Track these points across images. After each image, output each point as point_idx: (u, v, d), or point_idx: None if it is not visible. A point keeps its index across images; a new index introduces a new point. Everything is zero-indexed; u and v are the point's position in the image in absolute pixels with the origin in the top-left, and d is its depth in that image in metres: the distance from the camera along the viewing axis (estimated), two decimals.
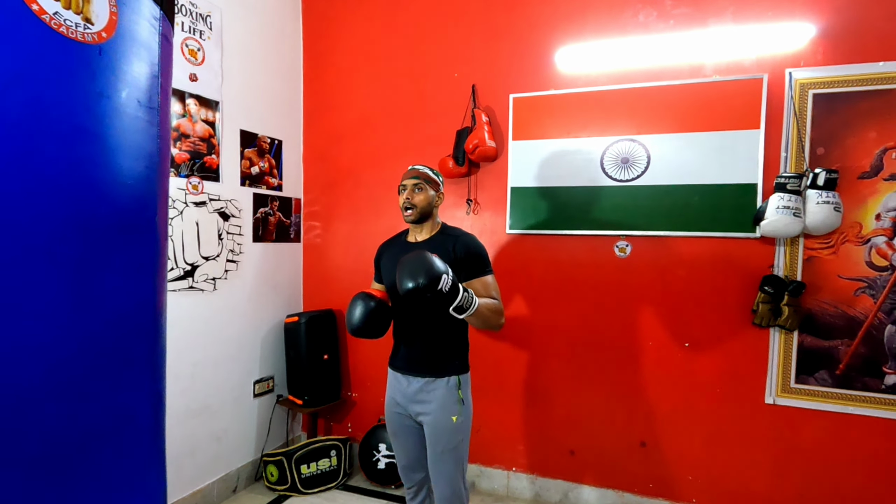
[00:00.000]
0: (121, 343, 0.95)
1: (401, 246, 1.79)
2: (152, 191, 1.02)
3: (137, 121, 0.95)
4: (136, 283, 0.98)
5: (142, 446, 1.03)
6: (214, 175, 2.46)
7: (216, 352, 2.51)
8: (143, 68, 0.97)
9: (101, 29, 0.87)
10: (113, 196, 0.91)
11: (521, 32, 2.57)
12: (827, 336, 2.13)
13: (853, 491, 2.12)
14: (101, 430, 0.91)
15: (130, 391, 0.98)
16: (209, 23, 2.41)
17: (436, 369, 1.68)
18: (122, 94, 0.92)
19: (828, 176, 2.00)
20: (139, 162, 0.96)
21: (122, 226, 0.93)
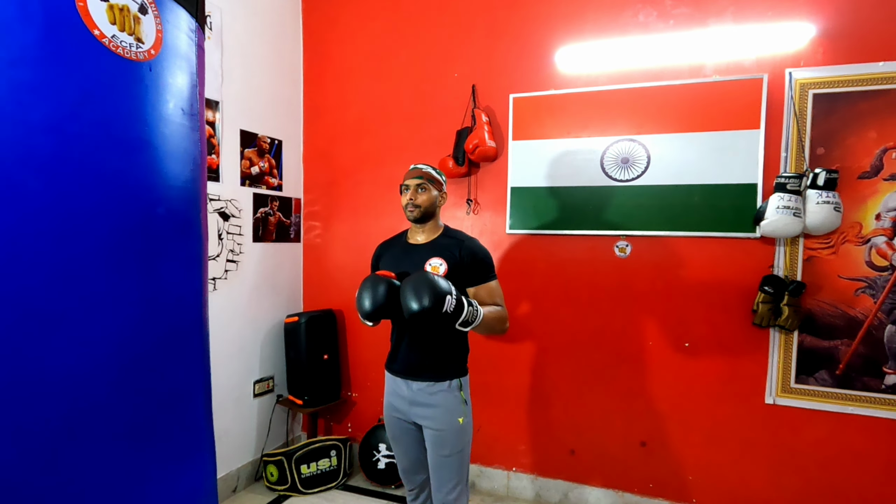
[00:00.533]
0: (178, 325, 1.07)
1: (402, 247, 1.75)
2: (197, 190, 1.13)
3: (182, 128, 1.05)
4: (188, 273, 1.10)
5: (199, 420, 1.15)
6: (214, 175, 2.46)
7: (216, 352, 2.49)
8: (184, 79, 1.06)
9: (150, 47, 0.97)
10: (167, 197, 1.02)
11: (521, 32, 2.57)
12: (827, 336, 2.13)
13: (853, 491, 2.12)
14: (166, 405, 1.03)
15: (187, 368, 1.10)
16: (209, 23, 2.41)
17: (437, 373, 1.64)
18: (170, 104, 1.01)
19: (828, 176, 2.00)
20: (186, 166, 1.07)
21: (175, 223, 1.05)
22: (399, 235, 1.82)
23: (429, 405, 1.63)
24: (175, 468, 1.06)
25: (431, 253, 1.65)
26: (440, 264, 1.62)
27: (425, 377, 1.64)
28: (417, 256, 1.67)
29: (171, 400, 1.05)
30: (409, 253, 1.70)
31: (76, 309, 0.88)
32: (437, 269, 1.61)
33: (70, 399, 0.87)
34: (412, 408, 1.66)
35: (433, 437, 1.63)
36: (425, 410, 1.64)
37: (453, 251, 1.64)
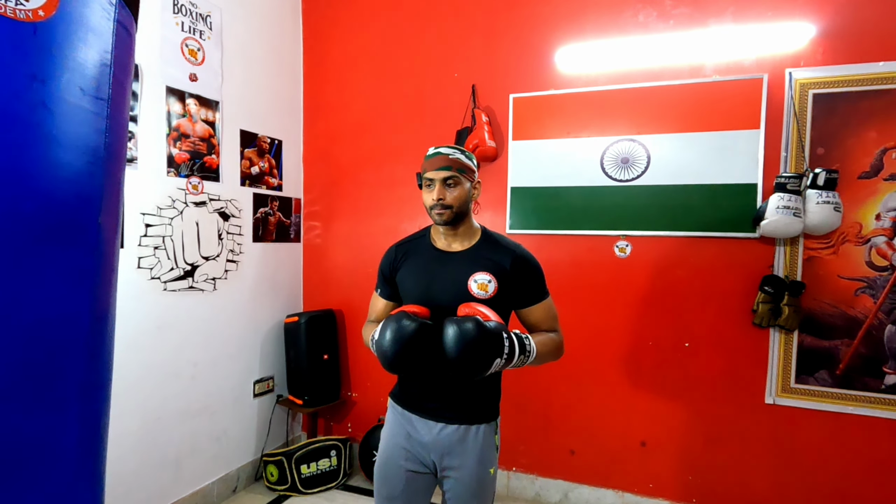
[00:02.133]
0: (40, 358, 0.82)
1: (431, 255, 1.37)
2: (96, 189, 0.90)
3: (79, 110, 0.86)
4: (67, 291, 0.86)
5: (61, 478, 0.88)
6: (214, 175, 2.46)
7: (216, 352, 2.51)
8: (90, 54, 0.87)
9: (37, 6, 0.79)
10: (44, 191, 0.80)
11: (521, 32, 2.57)
12: (827, 336, 2.13)
13: (853, 491, 2.12)
14: (16, 458, 0.79)
15: (50, 414, 0.84)
16: (209, 23, 2.41)
17: (475, 413, 1.33)
18: (61, 79, 0.82)
19: (828, 176, 2.00)
20: (80, 156, 0.86)
21: (54, 225, 0.83)
22: (420, 237, 1.44)
23: (459, 453, 1.31)
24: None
25: (474, 266, 1.31)
26: (489, 281, 1.29)
27: (461, 419, 1.32)
28: (456, 269, 1.32)
29: (22, 453, 0.80)
30: (444, 263, 1.34)
31: None
32: (485, 286, 1.29)
33: None
34: (436, 455, 1.33)
35: (459, 491, 1.32)
36: (453, 459, 1.32)
37: (502, 263, 1.32)
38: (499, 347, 1.12)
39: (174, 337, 2.27)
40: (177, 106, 2.25)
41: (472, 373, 1.12)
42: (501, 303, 1.32)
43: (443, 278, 1.32)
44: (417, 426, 1.34)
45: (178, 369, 2.30)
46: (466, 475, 1.31)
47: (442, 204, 1.28)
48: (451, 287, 1.30)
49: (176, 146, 2.26)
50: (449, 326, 1.13)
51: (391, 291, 1.44)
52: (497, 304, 1.29)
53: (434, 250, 1.37)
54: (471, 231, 1.38)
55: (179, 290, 2.29)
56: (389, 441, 1.39)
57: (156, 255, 2.17)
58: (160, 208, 2.19)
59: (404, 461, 1.35)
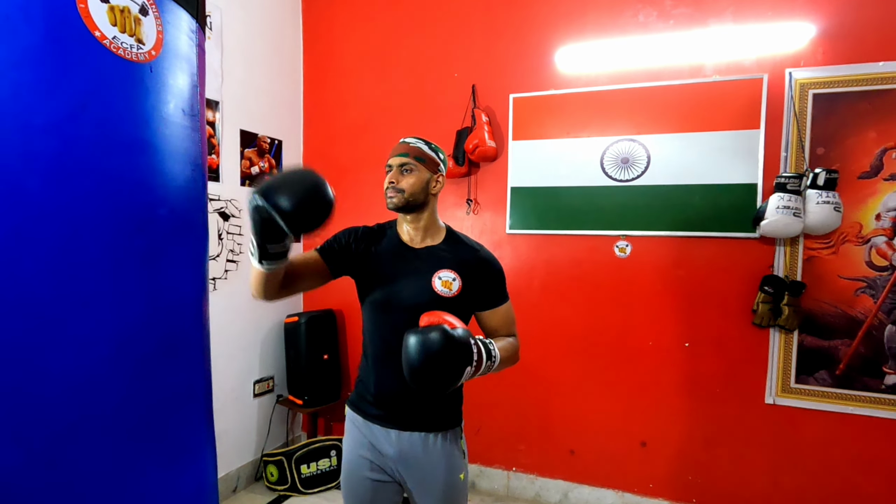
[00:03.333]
0: (180, 327, 1.06)
1: (397, 248, 1.33)
2: (199, 191, 1.12)
3: (183, 129, 1.04)
4: (190, 274, 1.09)
5: (199, 420, 1.13)
6: (214, 175, 2.46)
7: (216, 352, 2.47)
8: (185, 79, 1.05)
9: (150, 48, 0.96)
10: (168, 199, 1.02)
11: (521, 32, 2.57)
12: (827, 336, 2.13)
13: (853, 491, 2.13)
14: (167, 405, 1.03)
15: (188, 370, 1.09)
16: (209, 23, 2.41)
17: (437, 420, 1.28)
18: (170, 105, 1.01)
19: (828, 176, 2.00)
20: (187, 166, 1.06)
21: (176, 224, 1.04)
22: (383, 229, 1.40)
23: (423, 462, 1.26)
24: (176, 468, 1.06)
25: (439, 263, 1.28)
26: (453, 279, 1.26)
27: (424, 426, 1.27)
28: (420, 265, 1.28)
29: (173, 401, 1.05)
30: (408, 259, 1.30)
31: (77, 311, 0.88)
32: (449, 284, 1.25)
33: (71, 401, 0.88)
34: (399, 464, 1.28)
35: (429, 501, 1.28)
36: (420, 471, 1.27)
37: (468, 263, 1.28)
38: (468, 356, 1.06)
39: None
40: None
41: (442, 385, 1.04)
42: (463, 303, 1.28)
43: (406, 274, 1.28)
44: (378, 435, 1.29)
45: None
46: (435, 484, 1.27)
47: (394, 187, 1.28)
48: (415, 283, 1.26)
49: None
50: (413, 337, 1.05)
51: (332, 253, 1.33)
52: (459, 303, 1.26)
53: (399, 244, 1.33)
54: (435, 228, 1.34)
55: None
56: (352, 452, 1.33)
57: None
58: None
59: (368, 472, 1.30)
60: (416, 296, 1.25)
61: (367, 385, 1.32)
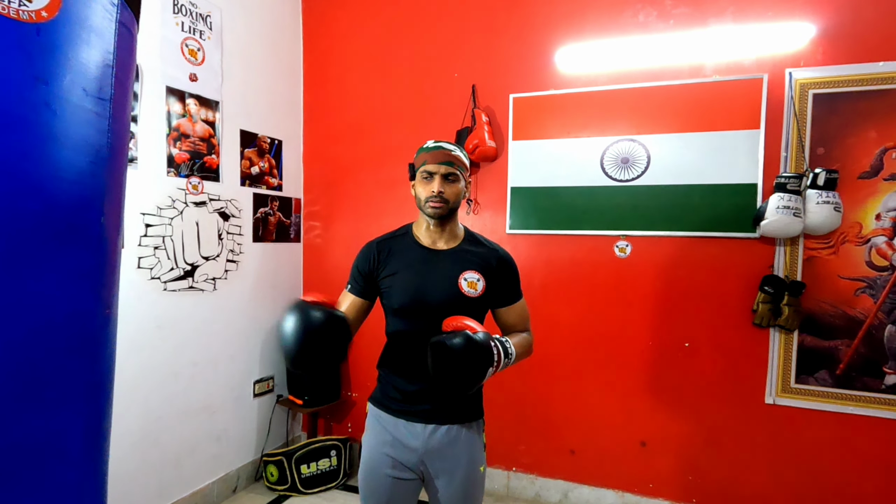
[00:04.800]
0: (45, 358, 0.83)
1: (418, 253, 1.34)
2: (98, 189, 0.91)
3: (81, 111, 0.86)
4: (71, 290, 0.87)
5: (73, 473, 0.90)
6: (214, 175, 2.46)
7: (216, 352, 2.51)
8: (92, 55, 0.88)
9: (40, 7, 0.79)
10: (47, 191, 0.81)
11: (521, 32, 2.57)
12: (827, 336, 2.13)
13: (853, 491, 2.12)
14: (23, 452, 0.80)
15: (55, 414, 0.85)
16: (209, 23, 2.41)
17: (464, 412, 1.32)
18: (64, 80, 0.83)
19: (828, 176, 2.00)
20: (82, 156, 0.87)
21: (56, 225, 0.83)
22: (400, 235, 1.41)
23: (450, 455, 1.29)
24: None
25: (463, 264, 1.30)
26: (478, 280, 1.29)
27: (450, 419, 1.30)
28: (445, 267, 1.30)
29: (21, 456, 0.80)
30: (432, 262, 1.32)
31: None
32: (474, 284, 1.28)
33: None
34: (425, 459, 1.30)
35: (451, 492, 1.30)
36: (444, 463, 1.29)
37: (489, 262, 1.32)
38: (489, 358, 1.11)
39: (174, 337, 2.27)
40: (177, 106, 2.25)
41: (468, 388, 1.10)
42: (486, 303, 1.33)
43: (433, 277, 1.30)
44: (404, 430, 1.30)
45: (178, 369, 2.30)
46: (459, 476, 1.30)
47: (441, 197, 1.26)
48: (442, 285, 1.28)
49: (176, 146, 2.26)
50: (438, 344, 1.10)
51: (365, 288, 1.37)
52: (483, 303, 1.32)
53: (420, 248, 1.34)
54: (456, 229, 1.37)
55: (179, 290, 2.29)
56: (373, 450, 1.34)
57: (156, 255, 2.17)
58: (160, 208, 2.19)
59: (390, 469, 1.31)
60: (444, 297, 1.27)
61: (393, 383, 1.34)
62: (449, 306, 1.25)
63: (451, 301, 1.26)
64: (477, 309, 1.29)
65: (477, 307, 1.29)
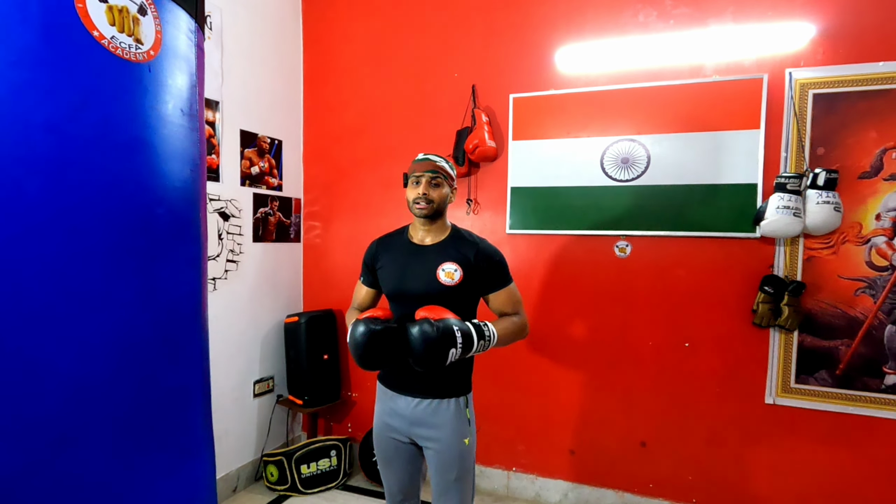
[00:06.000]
0: (178, 326, 1.07)
1: (406, 248, 1.55)
2: (197, 191, 1.13)
3: (182, 129, 1.05)
4: (188, 273, 1.10)
5: (198, 421, 1.14)
6: (214, 175, 2.46)
7: (216, 352, 2.49)
8: (184, 79, 1.06)
9: (149, 48, 0.96)
10: (167, 198, 1.02)
11: (521, 32, 2.57)
12: (827, 336, 2.13)
13: (853, 491, 2.12)
14: (167, 406, 1.04)
15: (186, 370, 1.10)
16: (209, 23, 2.41)
17: (445, 389, 1.49)
18: (169, 105, 1.01)
19: (828, 176, 2.00)
20: (185, 166, 1.07)
21: (175, 223, 1.05)
22: (398, 233, 1.63)
23: (433, 425, 1.48)
24: (174, 469, 1.06)
25: (443, 256, 1.49)
26: (455, 270, 1.46)
27: (433, 393, 1.48)
28: (427, 260, 1.50)
29: (170, 401, 1.05)
30: (416, 255, 1.52)
31: (77, 312, 0.88)
32: (451, 274, 1.46)
33: (68, 399, 0.88)
34: (413, 427, 1.50)
35: (438, 460, 1.49)
36: (429, 431, 1.49)
37: (467, 254, 1.49)
38: (451, 341, 1.29)
39: None
40: None
41: (432, 365, 1.29)
42: (467, 290, 1.49)
43: (415, 268, 1.50)
44: (398, 402, 1.53)
45: None
46: (444, 446, 1.48)
47: (426, 198, 1.47)
48: (422, 275, 1.48)
49: None
50: (404, 329, 1.33)
51: (372, 280, 1.64)
52: (463, 290, 1.48)
53: (410, 244, 1.56)
54: (443, 227, 1.57)
55: None
56: (378, 417, 1.60)
57: None
58: None
59: (390, 433, 1.55)
60: (424, 286, 1.47)
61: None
62: (428, 294, 1.45)
63: (430, 289, 1.46)
64: (457, 296, 1.47)
65: (458, 295, 1.47)
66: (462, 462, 1.49)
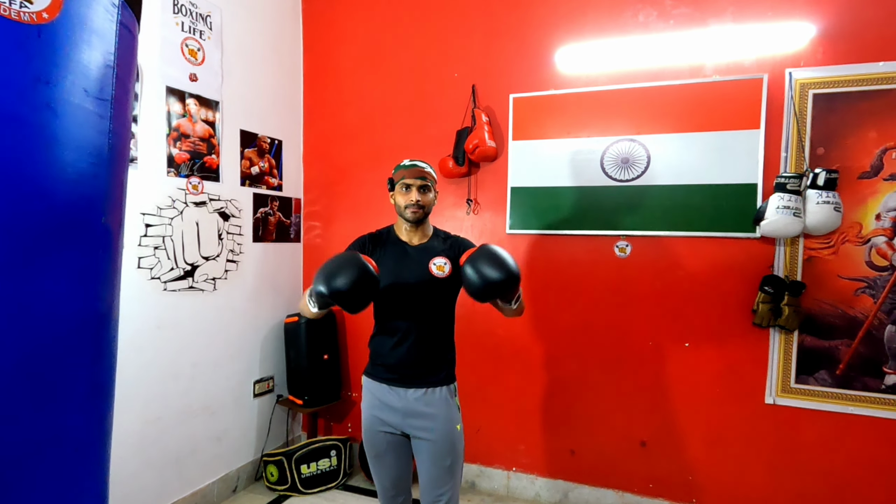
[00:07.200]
0: (53, 355, 0.85)
1: (400, 248, 1.64)
2: (100, 189, 0.92)
3: (83, 112, 0.86)
4: (75, 290, 0.88)
5: (75, 472, 0.91)
6: (214, 175, 2.46)
7: (216, 352, 2.51)
8: (93, 56, 0.88)
9: (41, 9, 0.80)
10: (49, 192, 0.82)
11: (521, 32, 2.57)
12: (827, 336, 2.13)
13: (853, 491, 2.12)
14: (30, 450, 0.81)
15: (62, 411, 0.87)
16: (209, 23, 2.41)
17: (435, 378, 1.59)
18: (65, 81, 0.83)
19: (828, 176, 2.00)
20: (83, 156, 0.87)
21: (59, 226, 0.84)
22: (386, 233, 1.71)
23: (426, 415, 1.55)
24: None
25: (432, 253, 1.61)
26: (444, 263, 1.59)
27: (424, 382, 1.57)
28: (419, 257, 1.61)
29: (32, 451, 0.81)
30: (409, 253, 1.63)
31: None
32: (442, 268, 1.58)
33: None
34: (406, 419, 1.57)
35: (433, 449, 1.55)
36: (423, 421, 1.55)
37: (451, 249, 1.64)
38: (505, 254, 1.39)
39: (174, 337, 2.27)
40: (177, 106, 2.25)
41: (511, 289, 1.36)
42: (454, 282, 1.61)
43: (409, 265, 1.61)
44: (388, 395, 1.59)
45: (178, 369, 2.30)
46: (439, 435, 1.54)
47: (418, 204, 1.58)
48: (416, 271, 1.59)
49: (176, 146, 2.26)
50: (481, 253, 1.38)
51: None
52: (451, 282, 1.60)
53: (400, 242, 1.66)
54: (427, 229, 1.68)
55: (179, 290, 2.29)
56: (366, 413, 1.64)
57: (156, 255, 2.18)
58: (160, 208, 2.19)
59: (381, 426, 1.61)
60: (418, 280, 1.58)
61: (381, 355, 1.63)
62: (422, 286, 1.57)
63: (425, 282, 1.57)
64: (447, 288, 1.61)
65: (446, 286, 1.60)
66: (455, 449, 1.57)
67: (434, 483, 1.56)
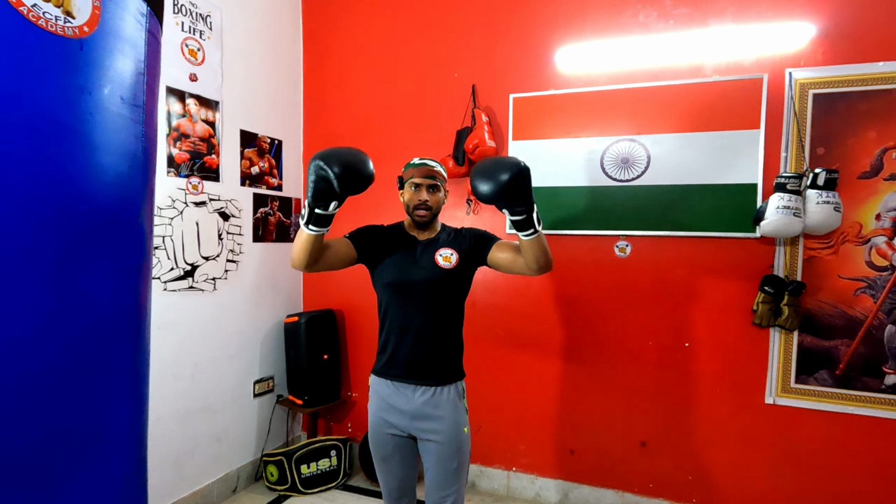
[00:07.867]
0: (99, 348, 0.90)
1: (410, 244, 1.62)
2: (136, 190, 0.98)
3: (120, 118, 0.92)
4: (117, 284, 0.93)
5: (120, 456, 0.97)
6: (214, 175, 2.46)
7: (216, 352, 2.51)
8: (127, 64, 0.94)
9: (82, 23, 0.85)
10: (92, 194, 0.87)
11: (521, 32, 2.57)
12: (827, 336, 2.13)
13: (853, 491, 2.12)
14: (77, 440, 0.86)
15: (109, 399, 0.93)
16: (209, 23, 2.41)
17: (444, 375, 1.56)
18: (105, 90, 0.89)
19: (828, 176, 2.00)
20: (121, 160, 0.93)
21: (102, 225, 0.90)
22: (396, 229, 1.69)
23: (434, 417, 1.53)
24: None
25: (438, 246, 1.60)
26: (451, 254, 1.58)
27: (433, 380, 1.54)
28: (427, 251, 1.60)
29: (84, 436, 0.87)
30: (415, 249, 1.61)
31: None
32: (448, 258, 1.57)
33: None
34: (414, 422, 1.54)
35: (440, 452, 1.53)
36: (431, 423, 1.53)
37: (458, 241, 1.62)
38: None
39: (174, 337, 2.27)
40: (177, 106, 2.25)
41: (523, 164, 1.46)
42: (464, 271, 1.60)
43: (417, 259, 1.59)
44: (395, 397, 1.56)
45: (178, 369, 2.30)
46: (446, 438, 1.52)
47: (426, 205, 1.58)
48: (424, 264, 1.57)
49: (176, 146, 2.26)
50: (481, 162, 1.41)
51: (362, 241, 1.61)
52: (460, 272, 1.59)
53: (409, 237, 1.65)
54: (436, 226, 1.68)
55: (179, 290, 2.29)
56: (374, 414, 1.61)
57: (156, 255, 2.17)
58: (160, 208, 2.19)
59: (387, 428, 1.58)
60: (426, 272, 1.56)
61: (388, 352, 1.59)
62: (430, 279, 1.55)
63: (432, 275, 1.55)
64: (455, 278, 1.58)
65: (454, 277, 1.58)
66: (462, 451, 1.55)
67: (440, 485, 1.55)
